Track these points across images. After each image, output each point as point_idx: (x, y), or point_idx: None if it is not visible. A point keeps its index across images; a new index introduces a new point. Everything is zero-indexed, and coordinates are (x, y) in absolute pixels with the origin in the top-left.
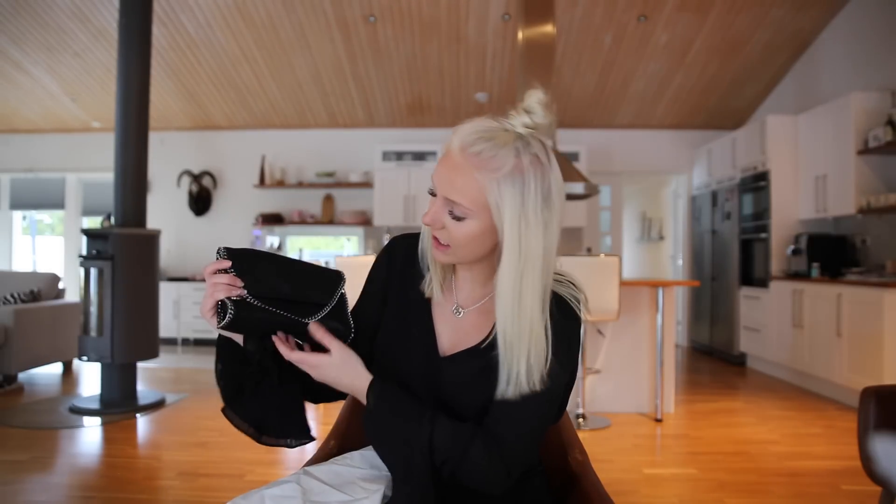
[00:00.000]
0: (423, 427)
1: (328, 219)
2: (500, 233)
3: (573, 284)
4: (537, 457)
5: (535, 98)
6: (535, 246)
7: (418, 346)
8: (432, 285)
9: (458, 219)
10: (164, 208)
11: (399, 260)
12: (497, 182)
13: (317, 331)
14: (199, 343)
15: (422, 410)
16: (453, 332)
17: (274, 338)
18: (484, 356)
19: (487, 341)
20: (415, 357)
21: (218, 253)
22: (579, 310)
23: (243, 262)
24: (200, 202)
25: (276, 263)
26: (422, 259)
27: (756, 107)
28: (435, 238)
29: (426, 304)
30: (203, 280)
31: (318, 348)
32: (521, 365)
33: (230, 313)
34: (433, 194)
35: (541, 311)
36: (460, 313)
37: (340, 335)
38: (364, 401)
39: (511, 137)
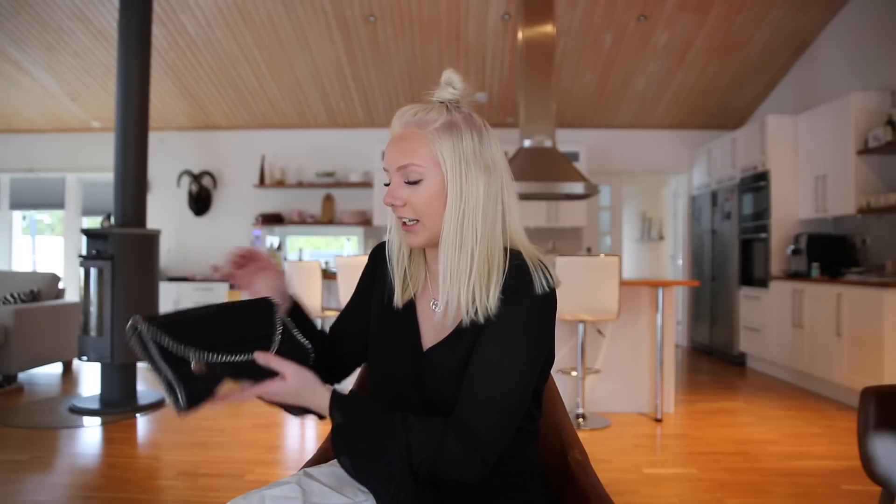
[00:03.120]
0: (397, 433)
1: (328, 219)
2: (445, 180)
3: (544, 265)
4: (536, 458)
5: (450, 73)
6: (475, 189)
7: (404, 346)
8: (406, 288)
9: (415, 183)
10: (164, 208)
11: (381, 266)
12: (436, 132)
13: (264, 358)
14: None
15: (391, 416)
16: (435, 326)
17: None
18: (459, 343)
19: (449, 323)
20: (402, 356)
21: (134, 322)
22: (542, 284)
23: (167, 327)
24: (200, 202)
25: (202, 318)
26: (389, 262)
27: (756, 107)
28: (405, 224)
29: (410, 303)
30: (203, 280)
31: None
32: (463, 294)
33: (178, 401)
34: (388, 185)
35: (485, 253)
36: (437, 306)
37: (302, 356)
38: (328, 417)
39: (440, 104)
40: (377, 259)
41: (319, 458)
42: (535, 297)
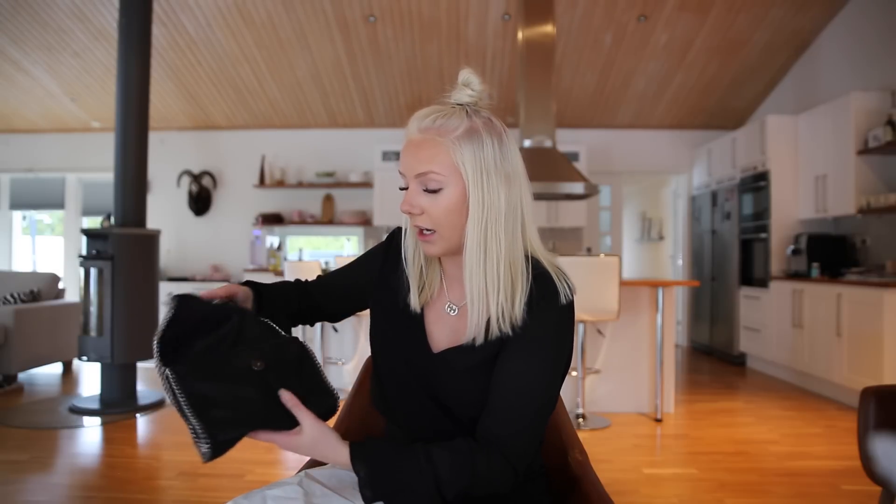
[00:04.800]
0: (423, 472)
1: (328, 219)
2: (466, 189)
3: (564, 274)
4: (539, 458)
5: (467, 73)
6: (497, 199)
7: (412, 345)
8: (422, 292)
9: (434, 192)
10: (164, 208)
11: (395, 258)
12: (457, 140)
13: (290, 400)
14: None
15: (415, 455)
16: (448, 329)
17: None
18: (476, 350)
19: (475, 335)
20: (409, 356)
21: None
22: (566, 293)
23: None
24: (200, 202)
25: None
26: (406, 264)
27: (756, 107)
28: (420, 232)
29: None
30: (203, 280)
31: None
32: (491, 307)
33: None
34: (404, 189)
35: (508, 263)
36: (454, 310)
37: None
38: (350, 468)
39: (459, 108)
40: (392, 248)
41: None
42: (560, 307)
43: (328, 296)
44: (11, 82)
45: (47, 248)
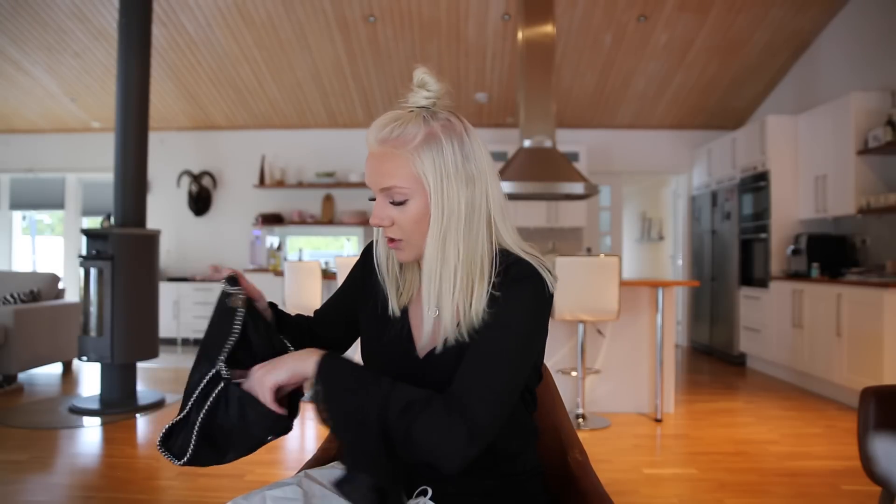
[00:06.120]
0: (381, 388)
1: (328, 219)
2: (429, 196)
3: (541, 262)
4: (535, 458)
5: (421, 73)
6: (457, 203)
7: (398, 351)
8: (400, 296)
9: (401, 204)
10: (164, 208)
11: (373, 269)
12: (416, 150)
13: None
14: (199, 343)
15: (377, 374)
16: (431, 331)
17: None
18: (453, 352)
19: (446, 337)
20: (396, 361)
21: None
22: (543, 276)
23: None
24: (200, 202)
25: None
26: (379, 272)
27: (756, 107)
28: (391, 241)
29: (403, 309)
30: (203, 280)
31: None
32: (449, 310)
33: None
34: (373, 199)
35: (466, 265)
36: (436, 313)
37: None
38: (312, 378)
39: (416, 113)
40: (369, 259)
41: (319, 459)
42: (534, 287)
43: (328, 326)
44: (11, 82)
45: (47, 248)
